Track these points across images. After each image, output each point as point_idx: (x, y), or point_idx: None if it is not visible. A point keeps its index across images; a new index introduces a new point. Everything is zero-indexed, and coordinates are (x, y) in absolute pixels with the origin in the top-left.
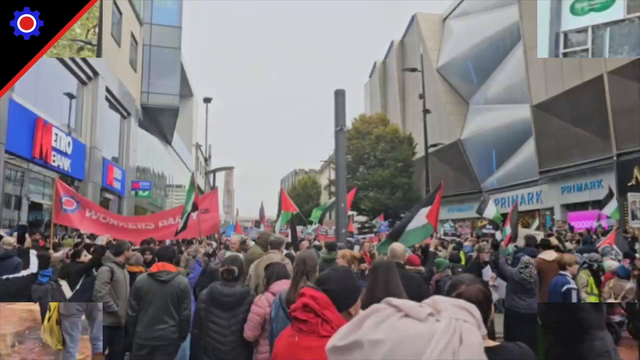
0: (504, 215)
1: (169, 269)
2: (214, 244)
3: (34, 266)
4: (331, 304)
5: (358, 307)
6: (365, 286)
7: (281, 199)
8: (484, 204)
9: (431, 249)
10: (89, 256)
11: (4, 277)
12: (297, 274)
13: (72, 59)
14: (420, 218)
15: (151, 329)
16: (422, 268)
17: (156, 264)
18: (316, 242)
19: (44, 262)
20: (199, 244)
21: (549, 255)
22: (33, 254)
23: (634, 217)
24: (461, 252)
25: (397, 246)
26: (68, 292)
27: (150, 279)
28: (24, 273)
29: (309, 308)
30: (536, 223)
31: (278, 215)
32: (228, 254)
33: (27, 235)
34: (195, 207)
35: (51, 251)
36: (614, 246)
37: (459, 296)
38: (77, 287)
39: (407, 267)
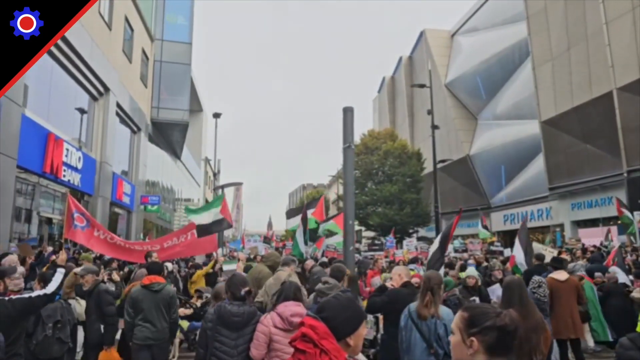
0: (506, 233)
1: (159, 281)
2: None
3: (52, 286)
4: (330, 334)
5: (360, 335)
6: (502, 301)
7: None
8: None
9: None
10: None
11: (7, 298)
12: (424, 290)
13: (84, 75)
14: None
15: (148, 331)
16: None
17: (147, 277)
18: (324, 259)
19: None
20: (208, 259)
21: (562, 275)
22: (60, 272)
23: None
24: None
25: (402, 269)
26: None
27: (144, 290)
28: (32, 294)
29: (307, 338)
30: (548, 239)
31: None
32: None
33: (62, 250)
34: (229, 225)
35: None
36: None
37: None
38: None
39: None
